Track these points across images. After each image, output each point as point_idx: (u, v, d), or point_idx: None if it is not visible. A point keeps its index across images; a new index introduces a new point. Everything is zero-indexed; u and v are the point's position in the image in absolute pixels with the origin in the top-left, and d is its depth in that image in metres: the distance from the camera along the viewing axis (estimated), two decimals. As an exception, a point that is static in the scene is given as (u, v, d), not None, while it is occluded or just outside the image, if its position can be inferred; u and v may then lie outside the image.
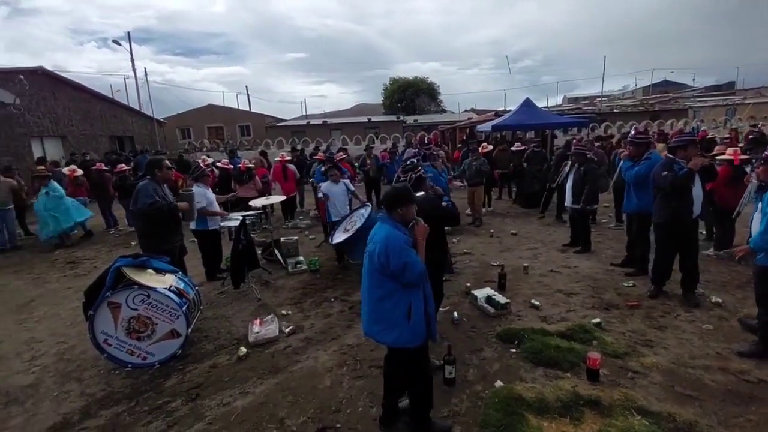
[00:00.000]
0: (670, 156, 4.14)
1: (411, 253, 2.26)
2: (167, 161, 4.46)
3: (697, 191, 4.06)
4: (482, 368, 3.23)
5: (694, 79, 43.62)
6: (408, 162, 4.29)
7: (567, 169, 6.34)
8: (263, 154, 11.58)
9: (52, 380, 3.40)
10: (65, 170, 9.22)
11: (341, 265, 5.76)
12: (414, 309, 2.32)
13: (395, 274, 2.25)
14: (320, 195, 5.88)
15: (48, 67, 16.01)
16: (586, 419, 2.58)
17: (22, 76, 13.94)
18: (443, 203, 3.56)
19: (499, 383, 2.99)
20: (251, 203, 6.25)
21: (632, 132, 5.49)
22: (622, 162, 5.10)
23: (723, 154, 5.46)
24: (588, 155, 6.11)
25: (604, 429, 2.48)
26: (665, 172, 4.00)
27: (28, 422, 2.90)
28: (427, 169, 4.96)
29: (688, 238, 4.14)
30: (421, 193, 3.22)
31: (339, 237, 5.03)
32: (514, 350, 3.43)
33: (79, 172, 9.14)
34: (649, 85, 41.04)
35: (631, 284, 4.69)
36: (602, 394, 2.78)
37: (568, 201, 6.07)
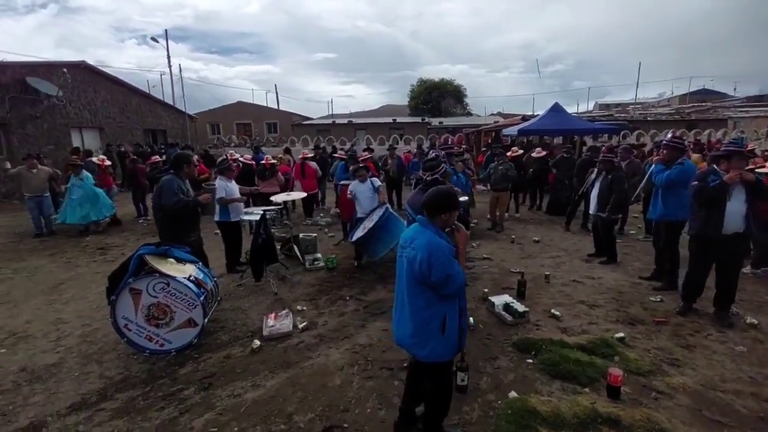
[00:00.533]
0: (712, 166, 3.95)
1: (455, 264, 2.15)
2: (195, 157, 4.57)
3: (736, 206, 3.75)
4: (496, 377, 3.14)
5: (735, 89, 41.63)
6: (431, 158, 4.24)
7: (593, 176, 6.12)
8: (287, 151, 11.74)
9: (74, 361, 3.53)
10: (95, 160, 9.61)
11: (358, 264, 5.75)
12: (449, 321, 2.21)
13: (436, 285, 2.14)
14: (349, 194, 5.90)
15: (90, 62, 16.75)
16: (603, 438, 2.46)
17: (65, 70, 14.63)
18: None
19: (513, 394, 2.90)
20: (272, 198, 6.33)
21: (668, 135, 5.25)
22: (653, 166, 4.90)
23: (764, 166, 5.20)
24: (617, 163, 5.88)
25: (622, 450, 2.36)
26: (695, 182, 3.84)
27: (48, 399, 3.00)
28: (447, 168, 4.91)
29: (723, 253, 3.89)
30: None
31: (357, 234, 5.11)
32: (530, 361, 3.33)
33: (109, 162, 9.53)
34: (686, 94, 39.30)
35: (659, 299, 4.48)
36: (623, 413, 2.65)
37: (592, 209, 5.86)
